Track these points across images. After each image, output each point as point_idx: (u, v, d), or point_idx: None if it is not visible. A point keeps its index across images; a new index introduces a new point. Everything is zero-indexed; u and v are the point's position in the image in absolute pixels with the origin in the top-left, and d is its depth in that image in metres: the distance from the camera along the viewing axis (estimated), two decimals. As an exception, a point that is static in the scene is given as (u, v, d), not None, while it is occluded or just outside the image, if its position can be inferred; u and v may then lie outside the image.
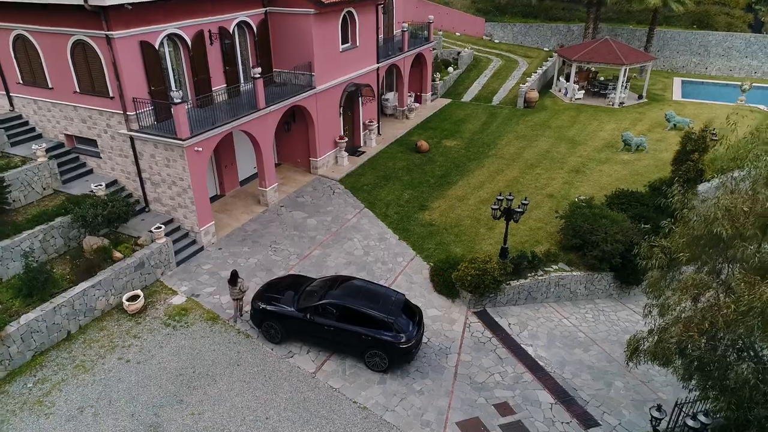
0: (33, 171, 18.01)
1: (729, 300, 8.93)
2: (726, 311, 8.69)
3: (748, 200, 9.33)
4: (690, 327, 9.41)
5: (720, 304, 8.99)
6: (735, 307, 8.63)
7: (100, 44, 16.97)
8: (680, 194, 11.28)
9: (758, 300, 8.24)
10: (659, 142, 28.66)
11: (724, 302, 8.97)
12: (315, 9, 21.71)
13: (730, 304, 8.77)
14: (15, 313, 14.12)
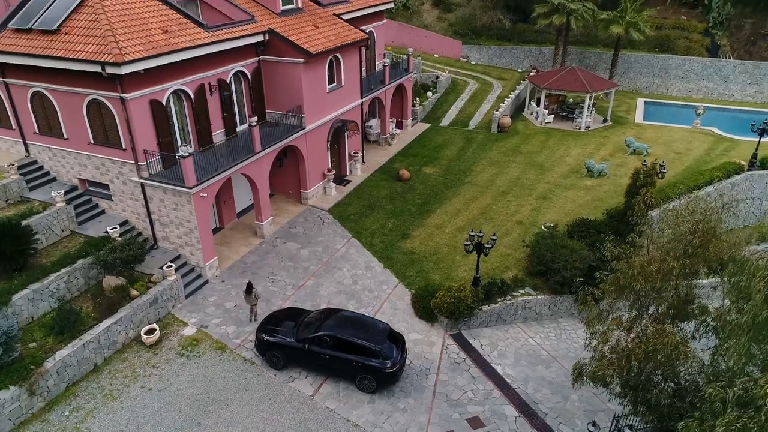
0: (53, 216, 19.99)
1: (641, 342, 11.41)
2: (637, 351, 11.18)
3: (657, 262, 11.81)
4: (612, 361, 11.89)
5: (633, 345, 11.47)
6: (645, 348, 11.13)
7: (114, 104, 19.04)
8: (612, 246, 13.79)
9: (661, 344, 10.74)
10: (620, 167, 31.34)
11: (636, 344, 11.45)
12: (304, 59, 23.95)
13: (641, 345, 11.26)
14: (50, 349, 16.17)
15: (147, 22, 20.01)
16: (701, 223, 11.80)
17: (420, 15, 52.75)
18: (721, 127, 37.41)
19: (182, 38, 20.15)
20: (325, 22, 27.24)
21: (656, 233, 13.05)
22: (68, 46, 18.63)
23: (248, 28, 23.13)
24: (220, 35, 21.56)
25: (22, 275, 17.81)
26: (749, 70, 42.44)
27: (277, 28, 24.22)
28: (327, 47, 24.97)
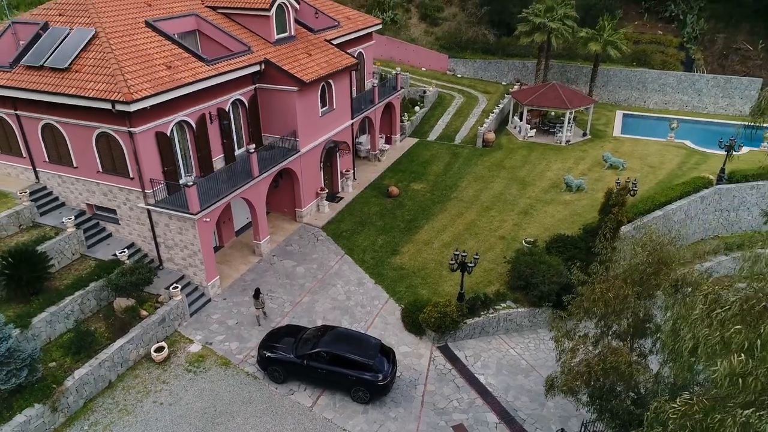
0: (65, 240, 21.34)
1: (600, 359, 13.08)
2: (596, 368, 12.84)
3: (615, 288, 13.47)
4: (580, 374, 13.55)
5: (594, 363, 13.13)
6: (603, 366, 12.80)
7: (122, 137, 20.44)
8: (578, 271, 15.46)
9: (616, 362, 12.41)
10: (597, 181, 33.14)
11: (596, 361, 13.11)
12: (298, 87, 25.44)
13: (599, 362, 12.93)
14: (68, 369, 17.56)
15: (152, 58, 21.43)
16: (653, 254, 13.47)
17: (408, 29, 54.35)
18: (695, 139, 39.39)
19: (185, 73, 21.58)
20: (317, 48, 28.73)
21: (615, 263, 14.67)
22: (79, 84, 19.99)
23: (245, 59, 24.57)
24: (219, 68, 23.00)
25: (39, 299, 19.15)
26: (721, 84, 44.50)
27: (272, 57, 25.68)
28: (319, 74, 26.47)
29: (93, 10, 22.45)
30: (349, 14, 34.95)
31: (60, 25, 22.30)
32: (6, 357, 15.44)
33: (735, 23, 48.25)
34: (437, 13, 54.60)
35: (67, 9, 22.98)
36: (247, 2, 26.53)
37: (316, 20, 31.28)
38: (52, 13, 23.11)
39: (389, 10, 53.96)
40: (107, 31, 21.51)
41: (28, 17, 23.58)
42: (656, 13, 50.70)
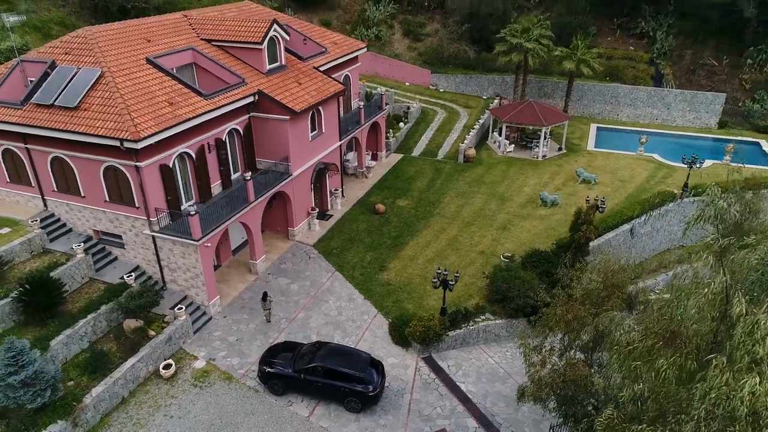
0: (75, 266, 22.93)
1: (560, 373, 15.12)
2: (557, 381, 14.88)
3: (573, 310, 15.51)
4: (542, 386, 15.59)
5: (555, 376, 15.16)
6: (563, 378, 14.84)
7: (129, 170, 22.11)
8: (543, 293, 17.50)
9: (573, 375, 14.44)
10: (571, 196, 35.35)
11: (556, 375, 15.14)
12: (289, 116, 27.24)
13: (560, 375, 14.97)
14: (86, 387, 19.22)
15: (154, 95, 23.12)
16: (606, 280, 15.54)
17: (391, 45, 56.33)
18: (664, 152, 41.88)
19: (186, 109, 23.30)
20: (306, 77, 30.54)
21: (575, 286, 16.71)
22: (88, 122, 21.61)
23: (240, 91, 26.32)
24: (217, 102, 24.74)
25: (55, 322, 20.75)
26: (688, 98, 47.08)
27: (265, 88, 27.45)
28: (310, 103, 28.29)
29: (97, 49, 24.04)
30: (335, 39, 36.80)
31: (67, 64, 23.87)
32: (32, 379, 17.08)
33: (702, 40, 50.96)
34: (420, 29, 56.67)
35: (72, 48, 24.54)
36: (241, 36, 28.25)
37: (305, 47, 33.12)
38: (58, 51, 24.66)
39: (373, 27, 55.91)
40: (112, 70, 23.14)
41: (35, 55, 25.08)
42: (628, 29, 53.29)
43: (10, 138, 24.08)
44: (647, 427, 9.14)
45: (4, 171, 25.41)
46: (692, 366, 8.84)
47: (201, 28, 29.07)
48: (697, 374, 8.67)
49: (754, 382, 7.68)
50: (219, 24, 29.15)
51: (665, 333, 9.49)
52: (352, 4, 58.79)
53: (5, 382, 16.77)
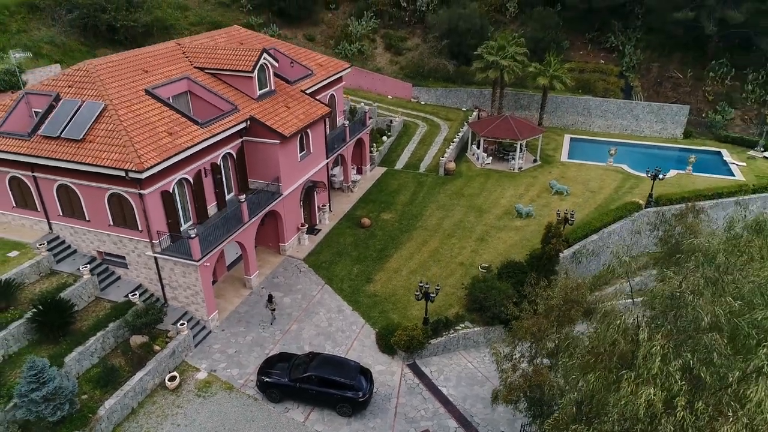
0: (82, 286, 24.58)
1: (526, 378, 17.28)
2: (524, 385, 17.03)
3: (537, 324, 17.67)
4: (513, 390, 17.73)
5: (522, 381, 17.32)
6: (530, 383, 16.99)
7: (133, 197, 23.83)
8: (513, 307, 19.66)
9: (537, 381, 16.60)
10: (544, 207, 37.68)
11: (526, 379, 17.29)
12: (280, 140, 29.12)
13: (528, 380, 17.12)
14: (99, 399, 20.94)
15: (154, 126, 24.86)
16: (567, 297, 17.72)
17: (374, 59, 58.33)
18: (632, 162, 44.41)
19: (184, 138, 25.08)
20: (294, 100, 32.42)
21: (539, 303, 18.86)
22: (94, 153, 23.29)
23: (233, 118, 28.13)
24: (212, 130, 26.54)
25: (66, 340, 22.41)
26: (655, 110, 49.80)
27: (256, 113, 29.28)
28: (298, 127, 30.19)
29: (99, 82, 25.69)
30: (320, 61, 38.70)
31: (70, 96, 25.47)
32: (52, 394, 18.78)
33: (668, 53, 53.80)
34: (401, 44, 58.75)
35: (75, 80, 26.15)
36: (232, 65, 30.04)
37: (292, 70, 35.00)
38: (62, 84, 26.24)
39: (356, 42, 57.84)
40: (114, 102, 24.82)
41: (40, 88, 26.63)
42: (599, 43, 55.94)
43: (18, 167, 25.62)
44: (583, 427, 11.25)
45: (11, 197, 26.90)
46: (612, 378, 10.98)
47: (194, 57, 30.80)
48: (614, 385, 10.83)
49: (649, 392, 9.83)
50: (211, 53, 30.89)
51: (597, 351, 11.66)
52: (335, 20, 60.68)
53: (29, 398, 18.46)
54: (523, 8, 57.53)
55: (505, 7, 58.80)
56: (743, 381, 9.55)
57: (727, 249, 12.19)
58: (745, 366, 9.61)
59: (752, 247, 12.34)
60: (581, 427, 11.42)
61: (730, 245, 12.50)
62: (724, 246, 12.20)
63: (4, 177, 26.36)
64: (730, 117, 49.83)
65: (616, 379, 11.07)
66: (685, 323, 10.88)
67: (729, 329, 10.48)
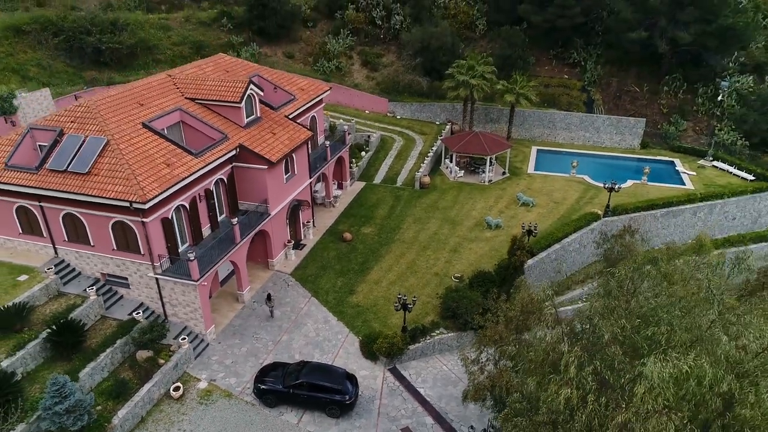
0: (90, 307, 26.83)
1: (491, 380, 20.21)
2: (489, 385, 19.96)
3: (499, 332, 20.62)
4: (480, 389, 20.66)
5: (487, 382, 20.24)
6: (492, 383, 19.93)
7: (136, 225, 26.18)
8: (478, 318, 22.59)
9: (500, 382, 19.54)
10: (512, 218, 40.83)
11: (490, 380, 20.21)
12: (267, 166, 31.65)
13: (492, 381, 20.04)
14: (112, 410, 23.29)
15: (153, 158, 27.22)
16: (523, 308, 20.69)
17: (351, 75, 61.02)
18: (593, 173, 47.84)
19: (181, 169, 27.49)
20: (279, 126, 34.96)
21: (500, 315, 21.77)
22: (99, 186, 25.58)
23: (224, 146, 30.59)
24: (206, 159, 28.99)
25: (78, 357, 24.67)
26: (614, 123, 53.47)
27: (244, 141, 31.76)
28: (284, 152, 32.76)
29: (99, 117, 27.92)
30: (302, 85, 41.28)
31: (74, 131, 27.65)
32: (74, 406, 21.10)
33: (626, 68, 57.63)
34: (377, 60, 61.56)
35: (77, 116, 28.32)
36: (221, 96, 32.46)
37: (275, 95, 37.54)
38: (65, 119, 28.39)
39: (334, 59, 60.45)
40: (115, 137, 27.09)
41: (43, 123, 28.72)
42: (563, 59, 59.49)
43: (25, 197, 27.71)
44: (524, 420, 14.15)
45: (17, 224, 28.95)
46: (543, 381, 13.89)
47: (185, 88, 33.13)
48: (545, 386, 13.79)
49: (567, 392, 12.77)
50: (201, 84, 33.26)
51: (536, 360, 14.56)
52: (313, 37, 63.22)
53: (53, 410, 20.76)
54: (492, 26, 60.81)
55: (475, 24, 62.04)
56: (632, 381, 12.54)
57: (633, 277, 15.20)
58: (634, 370, 12.60)
59: (651, 276, 15.32)
60: (522, 419, 14.32)
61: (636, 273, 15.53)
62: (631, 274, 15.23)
63: (12, 206, 28.40)
64: (683, 128, 53.77)
65: (546, 381, 14.00)
66: (594, 338, 13.85)
67: (629, 342, 13.47)
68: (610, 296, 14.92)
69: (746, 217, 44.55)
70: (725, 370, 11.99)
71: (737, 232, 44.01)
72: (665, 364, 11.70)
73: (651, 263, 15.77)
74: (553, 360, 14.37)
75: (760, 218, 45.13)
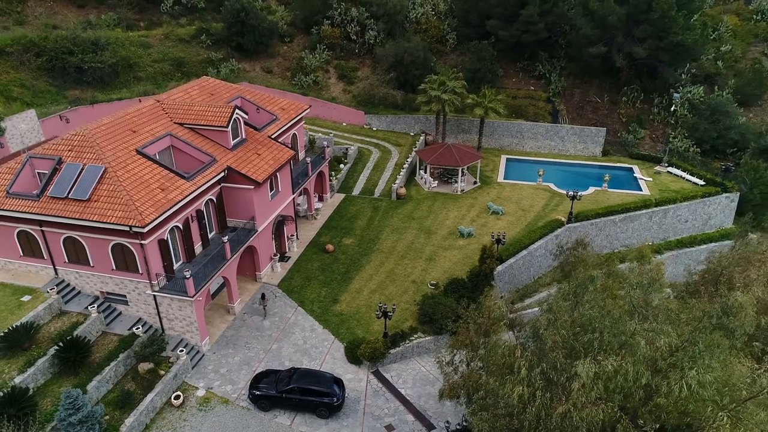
0: (92, 324, 28.76)
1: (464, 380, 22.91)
2: (462, 384, 22.65)
3: (469, 337, 23.34)
4: (454, 388, 23.36)
5: (461, 381, 22.93)
6: (465, 383, 22.64)
7: (135, 246, 28.22)
8: (451, 324, 25.29)
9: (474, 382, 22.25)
10: (483, 226, 43.74)
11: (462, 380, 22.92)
12: (254, 186, 33.90)
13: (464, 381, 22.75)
14: (118, 419, 25.35)
15: (149, 184, 29.27)
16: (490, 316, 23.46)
17: (328, 88, 63.34)
18: (558, 181, 51.09)
19: (175, 193, 29.59)
20: (264, 147, 37.19)
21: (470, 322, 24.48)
22: (100, 212, 27.55)
23: (213, 169, 32.73)
24: (197, 182, 31.11)
25: (84, 371, 26.63)
26: (577, 132, 56.91)
27: (232, 163, 33.94)
28: (269, 173, 35.02)
29: (96, 145, 29.81)
30: (283, 105, 43.54)
31: (71, 160, 29.49)
32: (86, 417, 23.14)
33: (588, 80, 61.18)
34: (352, 74, 63.98)
35: (74, 144, 30.13)
36: (209, 121, 34.55)
37: (259, 116, 39.78)
38: (62, 148, 30.18)
39: (311, 73, 62.69)
40: (112, 165, 29.05)
41: (42, 152, 30.47)
42: (529, 71, 62.80)
43: (26, 222, 29.49)
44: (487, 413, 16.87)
45: (18, 247, 30.66)
46: (501, 380, 16.66)
47: (173, 113, 35.13)
48: (503, 385, 16.60)
49: (519, 389, 15.55)
50: (189, 109, 35.29)
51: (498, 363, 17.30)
52: (290, 52, 65.34)
53: (67, 421, 22.79)
54: (462, 40, 63.79)
55: (446, 38, 64.94)
56: (569, 379, 15.35)
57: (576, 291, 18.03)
58: (571, 370, 15.41)
59: (590, 291, 18.26)
60: (486, 413, 17.04)
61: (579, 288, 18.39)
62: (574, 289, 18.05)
63: (13, 231, 30.13)
64: (641, 136, 57.51)
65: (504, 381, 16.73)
66: (541, 345, 16.64)
67: (569, 347, 16.29)
68: (551, 311, 17.76)
69: (697, 219, 48.29)
70: (644, 368, 14.86)
71: (689, 234, 47.81)
72: (593, 365, 14.50)
73: (589, 281, 18.60)
74: (509, 363, 17.13)
75: (710, 220, 48.93)
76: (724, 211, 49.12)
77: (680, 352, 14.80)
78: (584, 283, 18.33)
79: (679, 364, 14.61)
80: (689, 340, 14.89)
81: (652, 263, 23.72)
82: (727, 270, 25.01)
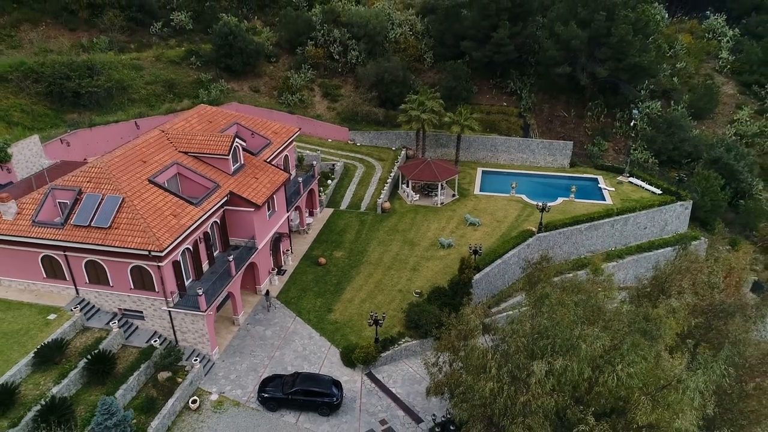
0: (114, 338, 32.02)
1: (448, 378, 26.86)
2: (446, 382, 26.59)
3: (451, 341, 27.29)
4: (440, 386, 27.28)
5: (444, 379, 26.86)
6: (448, 381, 26.58)
7: (152, 268, 31.57)
8: (435, 330, 29.24)
9: (455, 380, 26.20)
10: (462, 237, 47.81)
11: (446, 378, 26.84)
12: (254, 208, 37.42)
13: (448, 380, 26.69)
14: (144, 422, 28.70)
15: (162, 211, 32.63)
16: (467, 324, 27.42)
17: (313, 106, 66.90)
18: (530, 192, 55.43)
19: (186, 218, 33.00)
20: (260, 171, 40.69)
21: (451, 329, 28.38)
22: (121, 238, 30.84)
23: (217, 194, 36.19)
24: (204, 207, 34.55)
25: (110, 381, 29.91)
26: (547, 146, 61.45)
27: (233, 188, 37.40)
28: (267, 195, 38.56)
29: (112, 177, 33.02)
30: (275, 129, 47.05)
31: (91, 190, 32.66)
32: (120, 421, 26.49)
33: (556, 96, 65.87)
34: (336, 91, 67.66)
35: (92, 176, 33.30)
36: (211, 149, 37.94)
37: (254, 140, 43.26)
38: (81, 179, 33.32)
39: (297, 92, 66.17)
40: (129, 195, 32.32)
41: (62, 183, 33.55)
42: (501, 88, 67.27)
43: (50, 248, 32.58)
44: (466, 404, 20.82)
45: (42, 270, 33.71)
46: (476, 378, 20.71)
47: (177, 143, 38.44)
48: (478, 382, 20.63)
49: (490, 384, 19.59)
50: (192, 138, 38.63)
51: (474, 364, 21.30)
52: (276, 72, 68.71)
53: (103, 426, 26.11)
54: (438, 59, 67.95)
55: (423, 57, 69.03)
56: (528, 376, 19.44)
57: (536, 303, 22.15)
58: (530, 368, 19.49)
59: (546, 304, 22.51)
60: (465, 404, 20.97)
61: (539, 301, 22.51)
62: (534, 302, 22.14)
63: (38, 256, 33.18)
64: (605, 148, 62.35)
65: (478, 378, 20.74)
66: (507, 349, 20.69)
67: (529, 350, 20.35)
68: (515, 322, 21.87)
69: (655, 226, 53.13)
70: (586, 365, 18.98)
71: (648, 240, 52.62)
72: (545, 365, 18.59)
73: (545, 296, 22.68)
74: (483, 364, 21.13)
75: (667, 226, 53.82)
76: (679, 218, 54.04)
77: (612, 351, 18.94)
78: (541, 299, 22.41)
79: (611, 361, 18.76)
80: (618, 342, 19.06)
81: (604, 274, 27.93)
82: (669, 278, 29.45)
